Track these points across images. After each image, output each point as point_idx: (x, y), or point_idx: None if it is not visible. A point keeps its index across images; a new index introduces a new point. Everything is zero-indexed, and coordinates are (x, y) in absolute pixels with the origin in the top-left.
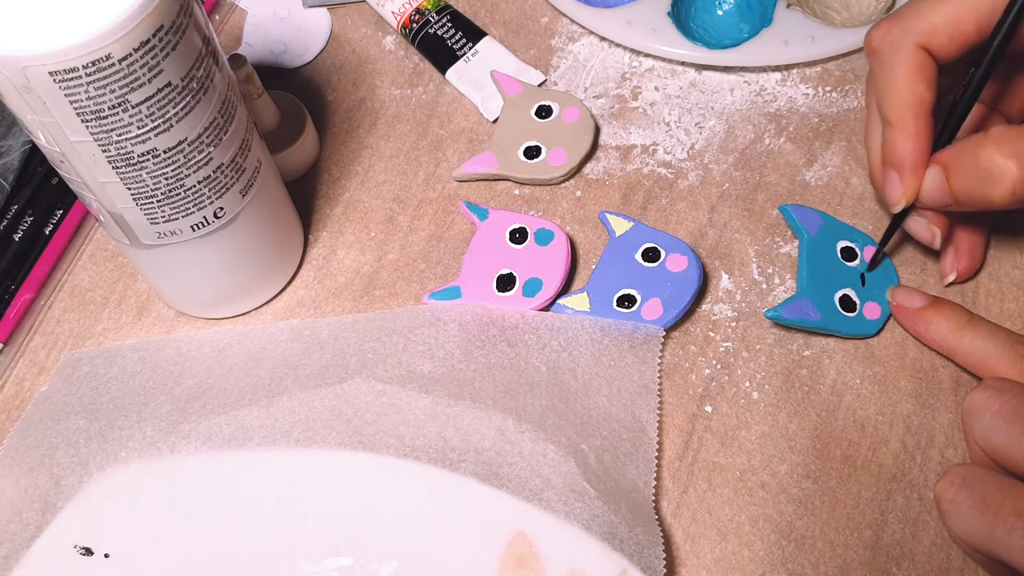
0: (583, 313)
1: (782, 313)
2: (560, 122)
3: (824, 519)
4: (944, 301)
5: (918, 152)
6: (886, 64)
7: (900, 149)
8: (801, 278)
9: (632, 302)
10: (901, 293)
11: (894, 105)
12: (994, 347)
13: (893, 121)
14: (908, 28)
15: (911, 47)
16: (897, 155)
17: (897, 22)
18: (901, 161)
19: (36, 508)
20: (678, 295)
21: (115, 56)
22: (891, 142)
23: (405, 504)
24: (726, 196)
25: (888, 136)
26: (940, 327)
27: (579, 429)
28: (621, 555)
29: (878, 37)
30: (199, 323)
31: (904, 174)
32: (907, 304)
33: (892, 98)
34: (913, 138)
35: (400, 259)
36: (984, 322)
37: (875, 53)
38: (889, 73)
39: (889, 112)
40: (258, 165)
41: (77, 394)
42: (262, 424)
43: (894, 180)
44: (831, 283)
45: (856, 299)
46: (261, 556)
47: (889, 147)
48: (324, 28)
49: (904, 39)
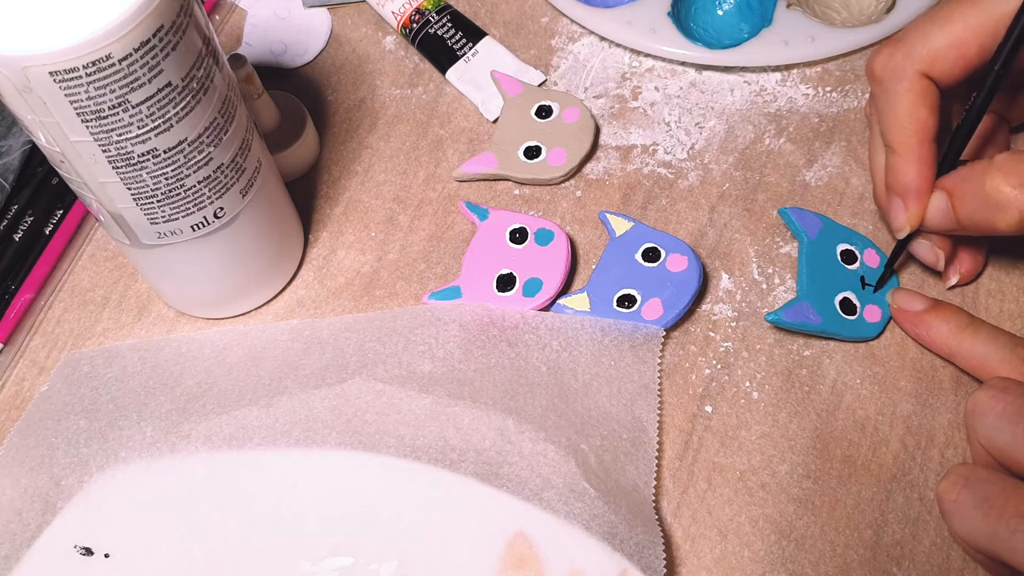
0: (583, 313)
1: (783, 317)
2: (560, 122)
3: (824, 519)
4: (944, 304)
5: (922, 179)
6: (889, 92)
7: (904, 177)
8: (801, 281)
9: (632, 302)
10: (901, 296)
11: (897, 133)
12: (995, 350)
13: (896, 148)
14: (911, 54)
15: (914, 74)
16: (901, 183)
17: (899, 47)
18: (905, 188)
19: (36, 508)
20: (678, 295)
21: (115, 56)
22: (895, 169)
23: (405, 504)
24: (726, 196)
25: (892, 163)
26: (940, 330)
27: (579, 429)
28: (621, 555)
29: (880, 64)
30: (199, 323)
31: (908, 201)
32: (907, 307)
33: (895, 126)
34: (916, 165)
35: (400, 259)
36: (985, 325)
37: (877, 81)
38: (892, 101)
39: (892, 139)
40: (258, 165)
41: (77, 394)
42: (262, 424)
43: (899, 207)
44: (831, 286)
45: (856, 302)
46: (261, 556)
47: (893, 174)
48: (324, 28)
49: (907, 65)
